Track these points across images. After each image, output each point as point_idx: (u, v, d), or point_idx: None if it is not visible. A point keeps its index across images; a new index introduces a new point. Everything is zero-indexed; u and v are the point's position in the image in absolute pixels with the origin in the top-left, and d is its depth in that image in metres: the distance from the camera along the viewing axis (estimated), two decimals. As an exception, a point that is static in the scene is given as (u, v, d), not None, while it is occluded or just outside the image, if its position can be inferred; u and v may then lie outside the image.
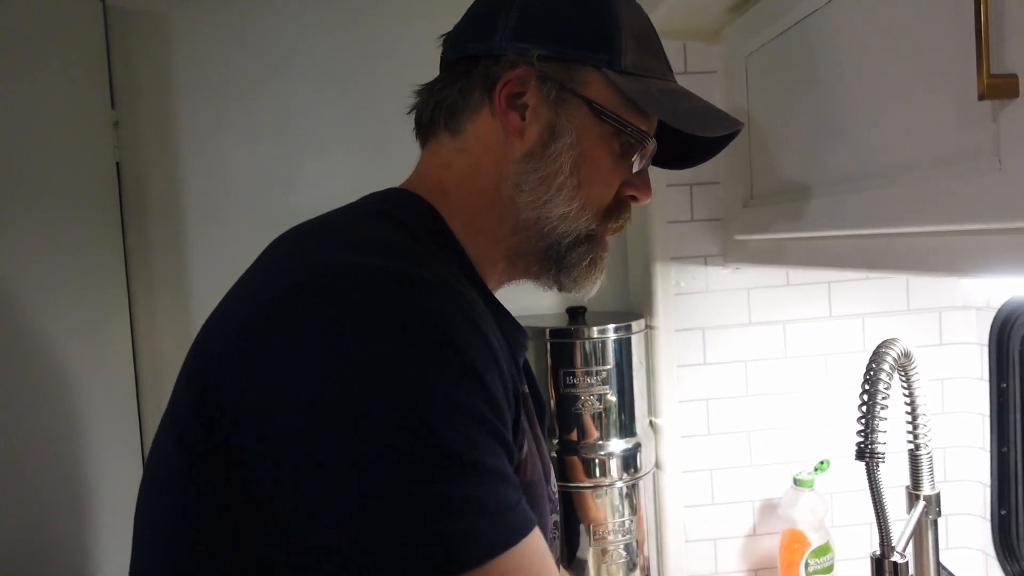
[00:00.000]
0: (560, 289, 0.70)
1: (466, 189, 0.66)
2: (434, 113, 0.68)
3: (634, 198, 0.71)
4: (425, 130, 0.70)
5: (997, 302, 1.19)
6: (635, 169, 0.68)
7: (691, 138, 0.71)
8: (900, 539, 0.79)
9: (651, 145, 0.67)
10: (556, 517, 0.73)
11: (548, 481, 0.68)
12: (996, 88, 0.55)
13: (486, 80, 0.65)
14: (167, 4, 1.34)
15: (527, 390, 0.70)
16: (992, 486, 1.22)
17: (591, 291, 0.71)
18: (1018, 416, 1.18)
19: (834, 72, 0.83)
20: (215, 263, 1.36)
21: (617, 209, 0.70)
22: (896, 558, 0.73)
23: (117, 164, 1.34)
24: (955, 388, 1.27)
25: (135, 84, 1.34)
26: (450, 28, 0.71)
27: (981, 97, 0.56)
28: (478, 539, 0.44)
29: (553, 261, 0.68)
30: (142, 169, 1.35)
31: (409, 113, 0.71)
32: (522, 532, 0.47)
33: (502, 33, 0.64)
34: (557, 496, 0.74)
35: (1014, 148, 0.56)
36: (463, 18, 0.70)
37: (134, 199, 1.35)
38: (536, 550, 0.48)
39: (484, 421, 0.48)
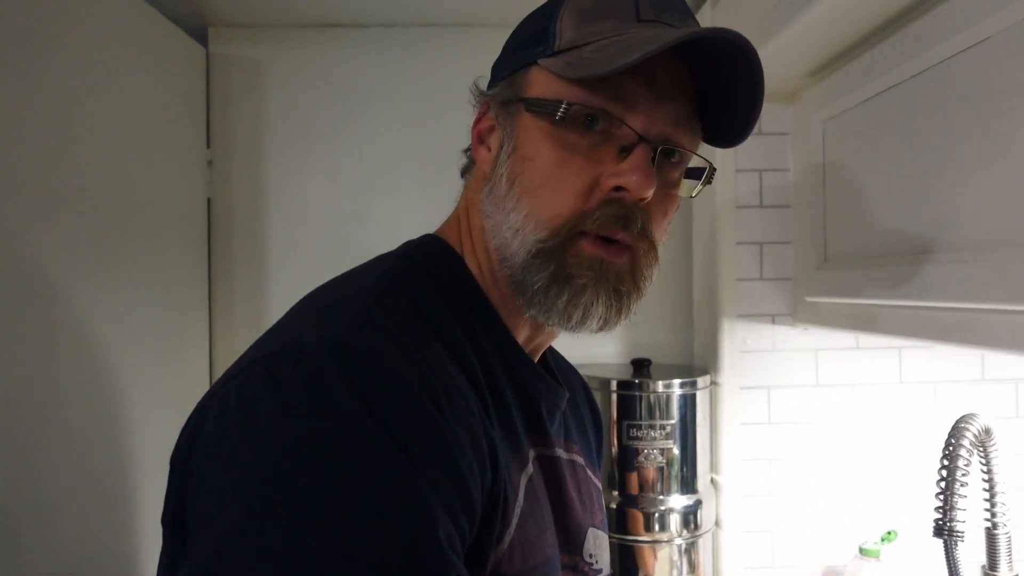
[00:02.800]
0: (557, 327, 0.59)
1: (472, 229, 0.63)
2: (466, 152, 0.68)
3: (622, 189, 0.54)
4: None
5: (1079, 377, 1.16)
6: (596, 155, 0.54)
7: (728, 102, 0.57)
8: (977, 621, 0.77)
9: (611, 123, 0.54)
10: None
11: (575, 550, 0.64)
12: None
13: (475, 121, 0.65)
14: (265, 51, 1.43)
15: (558, 453, 0.65)
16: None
17: (576, 325, 0.56)
18: (1101, 498, 1.14)
19: (919, 142, 0.84)
20: (295, 296, 1.41)
21: (601, 205, 0.54)
22: (974, 641, 0.72)
23: (208, 199, 1.41)
24: (1033, 464, 1.23)
25: (230, 125, 1.43)
26: None
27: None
28: None
29: (521, 293, 0.57)
30: (231, 205, 1.42)
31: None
32: None
33: (495, 69, 0.65)
34: (600, 567, 0.68)
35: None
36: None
37: (222, 233, 1.42)
38: None
39: (401, 546, 0.41)
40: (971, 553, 0.97)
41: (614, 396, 1.19)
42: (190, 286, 1.36)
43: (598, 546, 0.68)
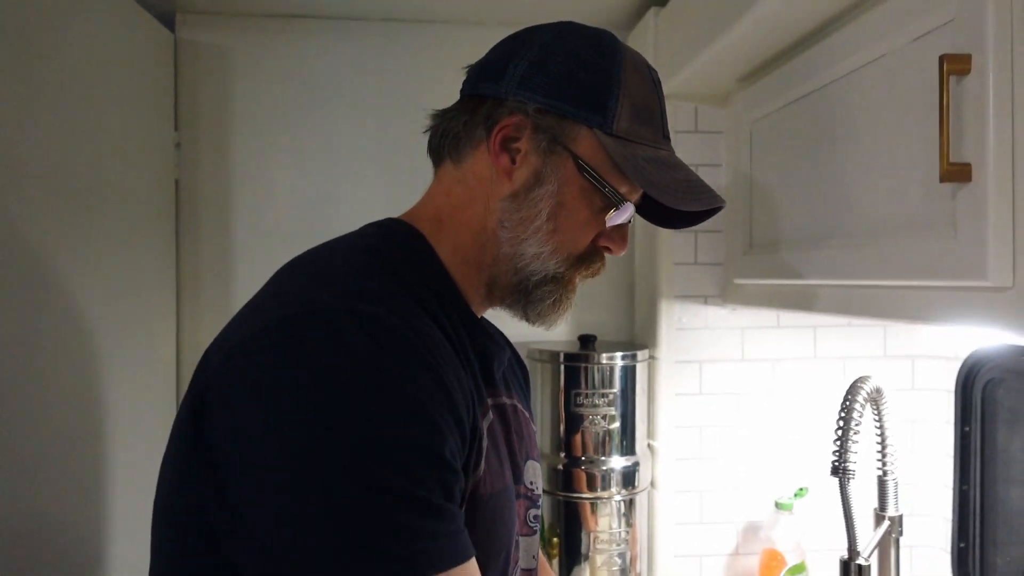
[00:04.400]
0: (526, 320, 0.77)
1: (458, 219, 0.72)
2: (442, 140, 0.75)
3: (608, 249, 0.75)
4: (434, 153, 0.78)
5: (964, 353, 1.32)
6: (608, 225, 0.72)
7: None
8: (866, 550, 0.92)
9: (627, 207, 0.71)
10: (537, 511, 0.82)
11: (521, 480, 0.77)
12: (953, 173, 0.69)
13: (488, 120, 0.71)
14: (232, 39, 1.49)
15: (505, 400, 0.77)
16: (953, 521, 1.34)
17: (553, 326, 0.77)
18: (978, 457, 1.31)
19: (828, 144, 0.98)
20: (259, 276, 1.46)
21: (591, 257, 0.75)
22: (861, 561, 0.86)
23: (176, 181, 1.47)
24: (924, 430, 1.40)
25: (197, 109, 1.48)
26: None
27: (942, 180, 0.70)
28: (402, 559, 0.50)
29: (521, 294, 0.73)
30: (198, 187, 1.48)
31: (424, 133, 0.77)
32: (454, 561, 0.53)
33: (510, 79, 0.70)
34: (539, 492, 0.82)
35: (966, 222, 0.70)
36: (483, 57, 0.77)
37: (189, 214, 1.48)
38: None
39: (425, 455, 0.53)
40: (866, 499, 1.13)
41: (562, 367, 1.31)
42: (158, 263, 1.41)
43: (535, 474, 0.81)
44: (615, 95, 0.70)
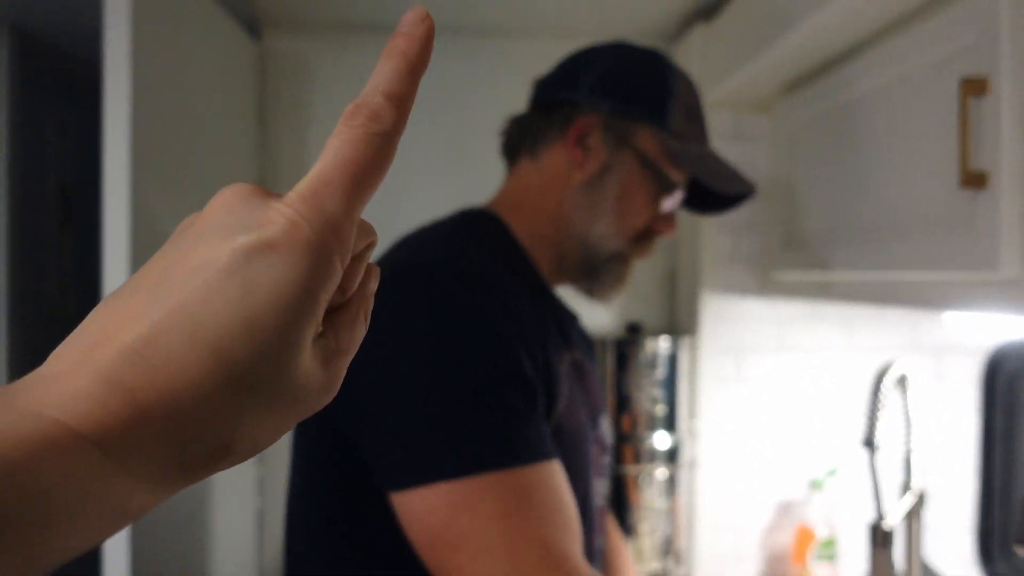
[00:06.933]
0: (589, 295, 0.90)
1: (535, 204, 0.85)
2: (522, 140, 0.88)
3: (660, 232, 0.89)
4: (512, 152, 0.91)
5: (988, 345, 1.42)
6: (663, 210, 0.87)
7: (711, 193, 0.93)
8: (892, 517, 1.02)
9: (679, 193, 0.86)
10: (607, 458, 0.93)
11: (596, 428, 0.88)
12: (971, 180, 0.80)
13: (564, 121, 0.84)
14: (309, 47, 1.63)
15: (579, 356, 0.87)
16: (976, 503, 1.44)
17: (611, 301, 0.90)
18: (1000, 444, 1.41)
19: (861, 151, 1.08)
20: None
21: (645, 238, 0.88)
22: (886, 526, 0.96)
23: (260, 178, 1.61)
24: (949, 418, 1.49)
25: (279, 110, 1.62)
26: (530, 76, 0.95)
27: (961, 185, 0.80)
28: (497, 450, 0.63)
29: (590, 269, 0.86)
30: (280, 184, 1.62)
31: (501, 136, 0.91)
32: (537, 456, 0.65)
33: (582, 87, 0.84)
34: (609, 442, 0.94)
35: (982, 222, 0.80)
36: (555, 69, 0.91)
37: (270, 207, 1.62)
38: (554, 476, 0.65)
39: (507, 370, 0.66)
40: (893, 480, 1.23)
41: (613, 353, 1.43)
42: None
43: (606, 426, 0.93)
44: (671, 98, 0.85)
